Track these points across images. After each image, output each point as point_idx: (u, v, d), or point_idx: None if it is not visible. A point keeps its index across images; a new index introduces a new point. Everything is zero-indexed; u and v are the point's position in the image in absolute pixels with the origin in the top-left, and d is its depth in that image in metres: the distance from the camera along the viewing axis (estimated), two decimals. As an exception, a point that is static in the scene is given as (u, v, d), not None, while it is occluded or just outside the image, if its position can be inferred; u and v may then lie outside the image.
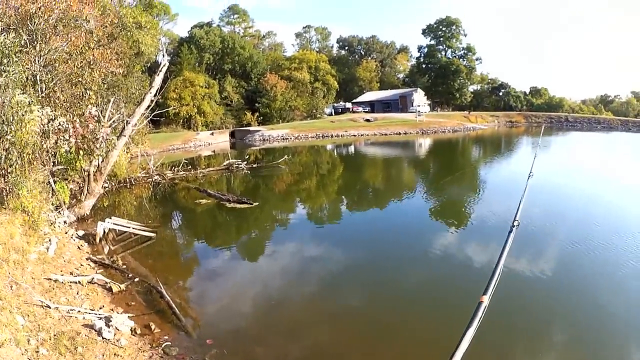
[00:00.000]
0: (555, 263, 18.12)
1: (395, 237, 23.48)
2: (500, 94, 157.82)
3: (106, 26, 27.27)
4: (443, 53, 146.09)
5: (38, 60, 21.98)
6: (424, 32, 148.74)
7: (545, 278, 16.39)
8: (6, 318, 9.51)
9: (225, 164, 47.71)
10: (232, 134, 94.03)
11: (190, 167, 46.09)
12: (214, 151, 71.73)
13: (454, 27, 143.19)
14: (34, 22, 21.65)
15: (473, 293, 15.19)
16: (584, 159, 55.97)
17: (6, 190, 16.11)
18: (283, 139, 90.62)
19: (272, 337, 12.94)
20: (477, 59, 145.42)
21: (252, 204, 29.25)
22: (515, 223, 8.53)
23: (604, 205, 28.13)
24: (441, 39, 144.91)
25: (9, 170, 15.99)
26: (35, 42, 21.88)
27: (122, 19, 31.48)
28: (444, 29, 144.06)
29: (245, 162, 48.55)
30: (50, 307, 11.58)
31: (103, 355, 10.34)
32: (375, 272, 18.36)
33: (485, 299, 6.15)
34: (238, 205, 29.23)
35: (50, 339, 9.93)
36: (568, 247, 19.85)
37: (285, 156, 54.67)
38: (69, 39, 23.44)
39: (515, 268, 16.70)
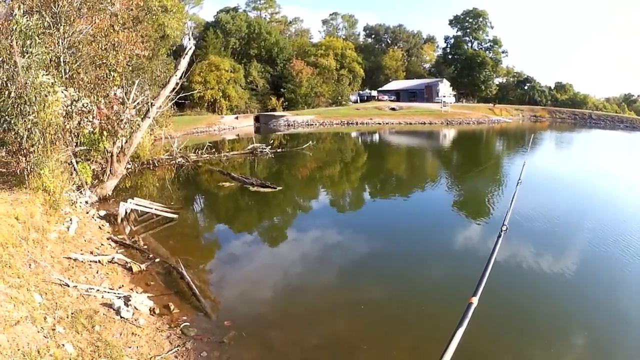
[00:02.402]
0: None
1: (416, 229, 23.41)
2: (526, 87, 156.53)
3: (131, 9, 27.20)
4: (469, 44, 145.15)
5: (62, 42, 21.99)
6: (450, 23, 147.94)
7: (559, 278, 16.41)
8: (23, 296, 9.53)
9: (249, 148, 47.83)
10: (256, 119, 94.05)
11: (214, 150, 46.19)
12: (238, 135, 71.83)
13: (480, 18, 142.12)
14: (58, 5, 21.63)
15: (492, 289, 15.17)
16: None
17: (27, 170, 16.16)
18: (308, 125, 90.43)
19: (289, 323, 12.98)
20: (503, 52, 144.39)
21: (275, 189, 29.31)
22: (504, 228, 8.39)
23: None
24: (468, 30, 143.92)
25: (31, 150, 15.98)
26: (59, 25, 21.87)
27: (147, 2, 31.35)
28: (470, 20, 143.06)
29: (270, 147, 48.59)
30: (68, 286, 11.63)
31: (121, 334, 10.41)
32: (394, 263, 18.33)
33: (475, 300, 6.04)
34: (261, 190, 29.33)
35: (67, 317, 9.95)
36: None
37: (310, 142, 54.96)
38: (93, 22, 23.40)
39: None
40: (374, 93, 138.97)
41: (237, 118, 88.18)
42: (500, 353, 11.81)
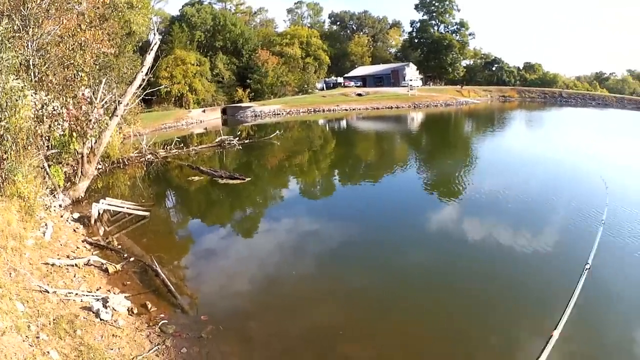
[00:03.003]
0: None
1: (389, 213, 23.74)
2: (494, 68, 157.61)
3: (98, 7, 27.11)
4: (436, 28, 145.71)
5: (31, 45, 21.96)
6: (416, 7, 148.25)
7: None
8: (6, 305, 9.65)
9: (217, 140, 47.80)
10: (223, 111, 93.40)
11: (182, 145, 46.23)
12: (206, 128, 71.57)
13: (447, 2, 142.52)
14: (27, 7, 21.59)
15: (467, 269, 15.58)
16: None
17: (2, 177, 16.20)
18: (275, 114, 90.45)
19: (267, 314, 13.22)
20: (470, 34, 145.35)
21: (244, 180, 29.64)
22: (587, 266, 8.74)
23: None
24: (434, 14, 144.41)
25: (4, 157, 16.05)
26: (28, 27, 21.81)
27: (113, -1, 31.26)
28: (437, 3, 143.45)
29: (237, 139, 48.73)
30: (48, 292, 11.76)
31: (102, 337, 10.57)
32: (368, 248, 18.69)
33: (556, 334, 6.36)
34: (231, 181, 29.65)
35: (49, 324, 10.10)
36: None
37: (277, 132, 54.98)
38: (61, 22, 23.36)
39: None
40: (340, 80, 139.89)
41: (204, 111, 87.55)
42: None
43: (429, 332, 12.27)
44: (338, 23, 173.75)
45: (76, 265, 14.74)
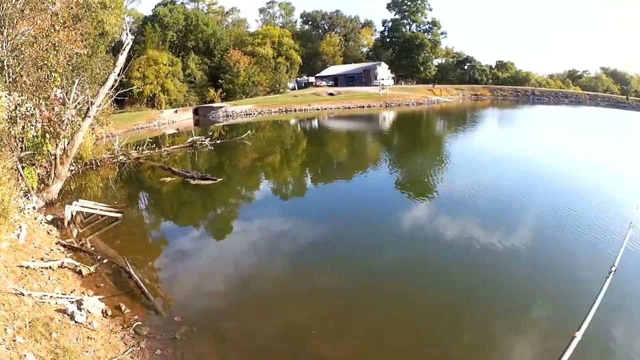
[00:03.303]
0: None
1: (359, 212, 23.99)
2: (466, 67, 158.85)
3: (71, 7, 27.01)
4: (408, 27, 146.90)
5: (5, 46, 21.92)
6: (388, 7, 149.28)
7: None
8: (-17, 309, 9.66)
9: (189, 141, 47.71)
10: (195, 111, 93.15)
11: (154, 145, 45.98)
12: (178, 129, 71.22)
13: (419, 1, 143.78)
14: (2, 8, 21.51)
15: (438, 265, 15.86)
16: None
17: (-24, 180, 16.14)
18: (246, 114, 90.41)
19: (241, 314, 13.37)
20: (442, 33, 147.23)
21: (216, 180, 29.75)
22: (612, 269, 8.89)
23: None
24: (406, 13, 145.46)
25: (-23, 160, 15.99)
26: (3, 28, 21.79)
27: (87, -1, 31.09)
28: (409, 3, 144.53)
29: (209, 139, 48.62)
30: (24, 295, 11.79)
31: (77, 339, 10.62)
32: (341, 247, 18.92)
33: (578, 335, 6.48)
34: (202, 182, 29.73)
35: (25, 327, 10.14)
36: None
37: (249, 132, 55.00)
38: (35, 22, 23.27)
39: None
40: (312, 79, 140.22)
41: (176, 112, 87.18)
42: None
43: (400, 330, 12.46)
44: (310, 23, 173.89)
45: (50, 267, 14.76)
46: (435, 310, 13.28)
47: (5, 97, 18.09)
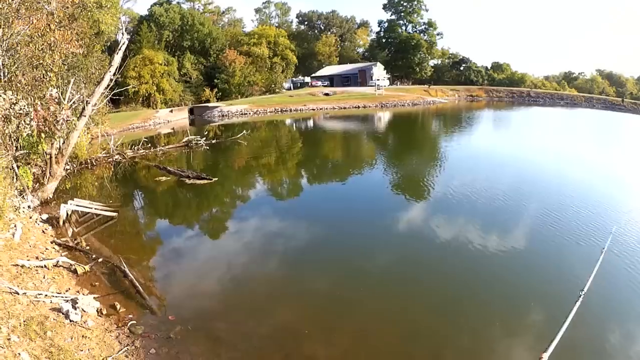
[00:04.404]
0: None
1: (354, 213, 24.03)
2: (461, 68, 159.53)
3: (67, 7, 26.97)
4: (404, 28, 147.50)
5: (1, 45, 21.86)
6: (384, 7, 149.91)
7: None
8: (-22, 308, 9.67)
9: (184, 140, 47.75)
10: (191, 111, 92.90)
11: (150, 145, 46.09)
12: (173, 129, 70.91)
13: (415, 2, 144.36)
14: (-2, 7, 21.50)
15: (430, 268, 15.93)
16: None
17: (-30, 179, 16.14)
18: (242, 114, 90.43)
19: (235, 314, 13.40)
20: (438, 34, 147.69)
21: (211, 180, 29.81)
22: (582, 293, 8.93)
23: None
24: (402, 13, 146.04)
25: (-26, 158, 15.99)
26: (-1, 27, 21.75)
27: (83, -1, 31.05)
28: (405, 3, 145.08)
29: (205, 139, 48.61)
30: (18, 293, 11.81)
31: (72, 338, 10.63)
32: (335, 248, 18.96)
33: (545, 356, 6.53)
34: (198, 182, 29.75)
35: (20, 325, 10.16)
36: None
37: (244, 131, 55.01)
38: (31, 22, 23.21)
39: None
40: (308, 79, 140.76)
41: (171, 111, 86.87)
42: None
43: (393, 330, 12.52)
44: (306, 23, 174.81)
45: (45, 266, 14.76)
46: (429, 313, 13.34)
47: (1, 95, 18.08)
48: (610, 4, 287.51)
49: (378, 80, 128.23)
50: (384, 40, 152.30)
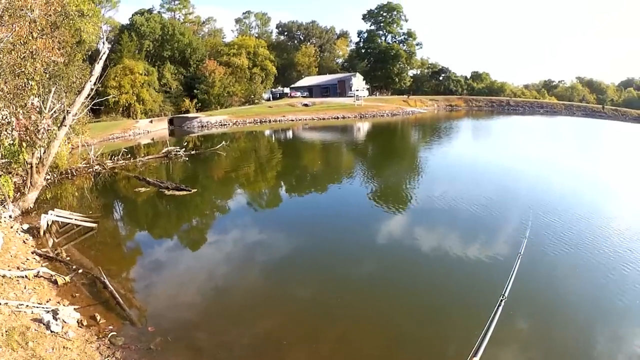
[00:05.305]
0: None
1: (332, 222, 24.22)
2: (441, 78, 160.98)
3: (50, 15, 26.95)
4: (383, 38, 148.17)
5: (-17, 53, 21.85)
6: (364, 18, 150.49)
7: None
8: (-41, 318, 9.72)
9: (163, 151, 47.59)
10: (170, 121, 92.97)
11: (129, 155, 45.76)
12: (153, 139, 71.02)
13: (395, 12, 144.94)
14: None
15: (412, 274, 16.11)
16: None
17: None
18: (221, 125, 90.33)
19: (215, 324, 13.48)
20: (417, 44, 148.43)
21: (190, 191, 29.83)
22: (502, 298, 9.10)
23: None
24: (382, 24, 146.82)
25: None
26: (-19, 35, 21.72)
27: (65, 7, 30.96)
28: (384, 14, 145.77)
29: (184, 149, 48.69)
30: (0, 304, 11.87)
31: (53, 349, 10.68)
32: (314, 257, 19.14)
33: None
34: (177, 193, 29.73)
35: (2, 336, 10.25)
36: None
37: (223, 142, 54.87)
38: (14, 29, 23.21)
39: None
40: (287, 90, 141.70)
41: (151, 122, 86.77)
42: None
43: (375, 337, 12.59)
44: (285, 33, 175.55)
45: (26, 276, 14.80)
46: (408, 321, 13.48)
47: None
48: (590, 10, 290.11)
49: (357, 90, 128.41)
50: (363, 51, 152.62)
